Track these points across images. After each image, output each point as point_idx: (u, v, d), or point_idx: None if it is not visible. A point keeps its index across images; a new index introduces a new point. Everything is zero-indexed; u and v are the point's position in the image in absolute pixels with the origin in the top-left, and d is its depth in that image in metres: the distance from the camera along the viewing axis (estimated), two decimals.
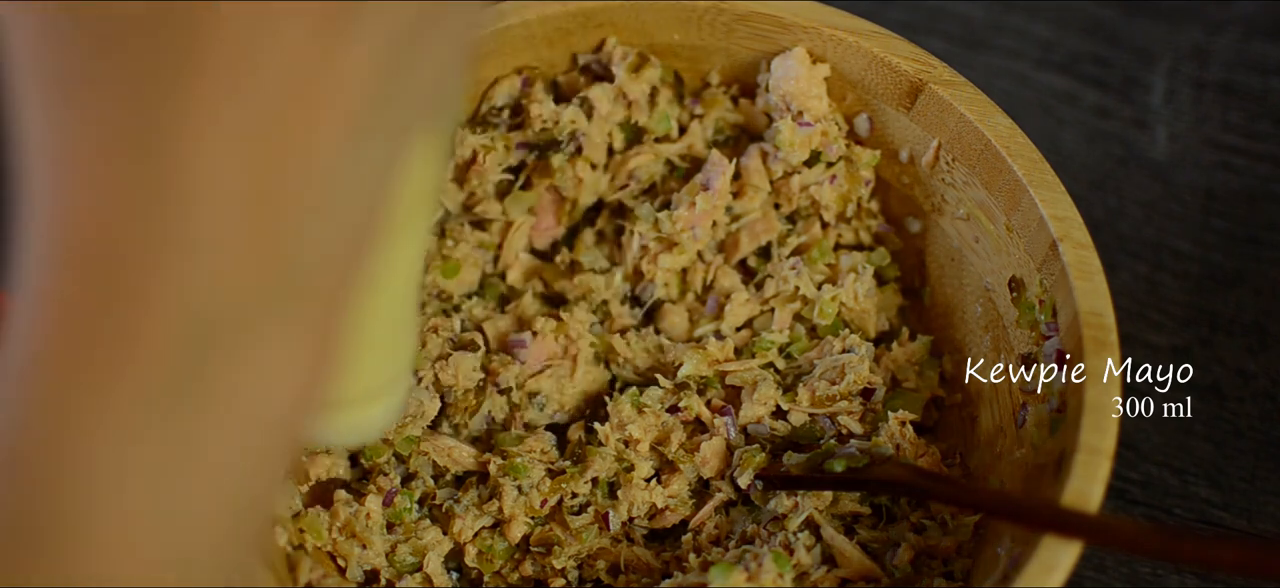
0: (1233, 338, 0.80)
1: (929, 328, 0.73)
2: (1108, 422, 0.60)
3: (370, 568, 0.66)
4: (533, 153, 0.73)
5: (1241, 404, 0.78)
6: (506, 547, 0.68)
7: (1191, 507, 0.75)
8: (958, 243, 0.72)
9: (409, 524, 0.68)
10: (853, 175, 0.73)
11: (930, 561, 0.64)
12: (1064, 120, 0.88)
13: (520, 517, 0.68)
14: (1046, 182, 0.66)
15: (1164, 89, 0.89)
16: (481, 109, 0.73)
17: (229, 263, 0.37)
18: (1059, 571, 0.56)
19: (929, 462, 0.68)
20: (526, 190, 0.74)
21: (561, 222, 0.76)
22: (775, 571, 0.63)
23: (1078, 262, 0.64)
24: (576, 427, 0.70)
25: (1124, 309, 0.74)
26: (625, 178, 0.75)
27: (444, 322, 0.71)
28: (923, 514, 0.66)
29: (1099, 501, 0.58)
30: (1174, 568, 0.73)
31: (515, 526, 0.68)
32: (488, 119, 0.73)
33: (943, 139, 0.70)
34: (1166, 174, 0.86)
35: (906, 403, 0.70)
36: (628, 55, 0.73)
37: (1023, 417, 0.66)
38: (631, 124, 0.74)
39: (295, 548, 0.65)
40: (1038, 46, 0.91)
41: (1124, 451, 0.75)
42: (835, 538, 0.65)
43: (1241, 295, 0.81)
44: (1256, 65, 0.90)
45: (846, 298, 0.72)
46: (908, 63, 0.70)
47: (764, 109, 0.74)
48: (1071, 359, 0.63)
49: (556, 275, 0.75)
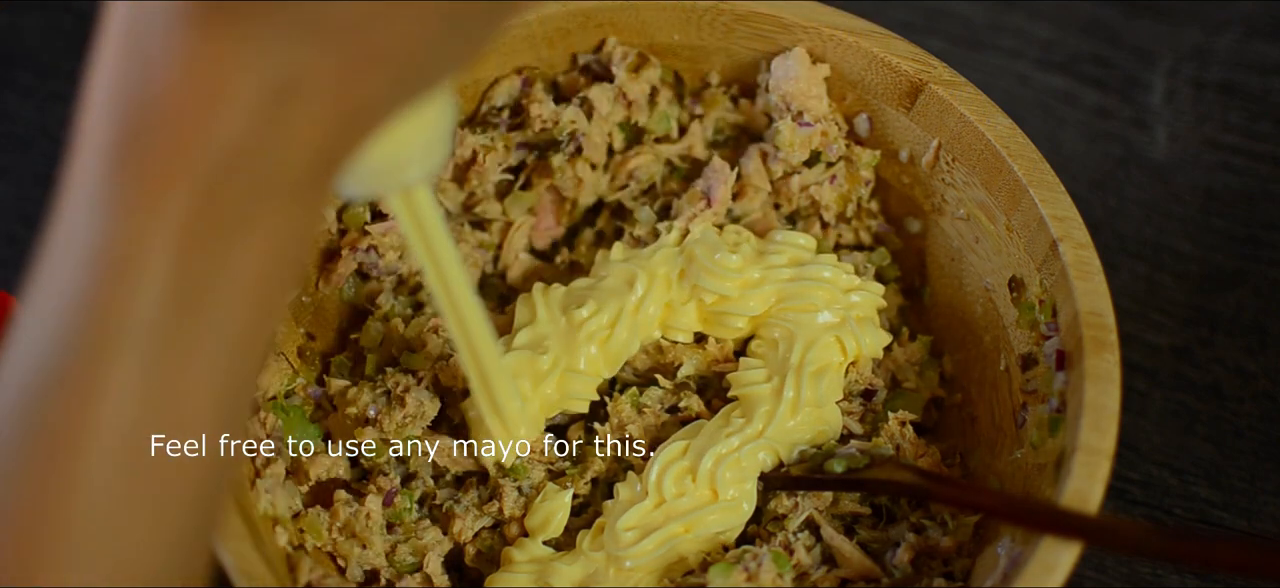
0: (1233, 338, 0.80)
1: (929, 328, 0.73)
2: (1108, 422, 0.60)
3: (370, 568, 0.66)
4: (533, 153, 0.73)
5: (1241, 404, 0.78)
6: (507, 547, 0.68)
7: (1191, 507, 0.75)
8: (958, 243, 0.72)
9: (409, 524, 0.68)
10: (853, 175, 0.73)
11: (930, 561, 0.64)
12: (1064, 120, 0.88)
13: (520, 517, 0.68)
14: (1046, 182, 0.66)
15: (1164, 89, 0.89)
16: (481, 109, 0.73)
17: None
18: (1059, 571, 0.56)
19: (929, 462, 0.68)
20: (526, 190, 0.74)
21: (561, 222, 0.76)
22: (775, 571, 0.63)
23: (1078, 262, 0.64)
24: (576, 427, 0.70)
25: (1124, 309, 0.74)
26: (625, 178, 0.75)
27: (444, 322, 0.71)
28: (923, 514, 0.66)
29: (1099, 501, 0.58)
30: (1174, 568, 0.73)
31: (515, 526, 0.68)
32: (488, 119, 0.73)
33: (943, 139, 0.70)
34: (1166, 174, 0.86)
35: (906, 403, 0.70)
36: (628, 55, 0.73)
37: (1023, 417, 0.66)
38: (631, 124, 0.74)
39: (295, 548, 0.65)
40: (1038, 46, 0.91)
41: (1124, 450, 0.75)
42: (835, 538, 0.65)
43: (1241, 295, 0.81)
44: (1256, 65, 0.90)
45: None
46: (908, 63, 0.70)
47: (764, 109, 0.74)
48: (1071, 359, 0.63)
49: (556, 275, 0.75)
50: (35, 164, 0.88)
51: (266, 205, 0.43)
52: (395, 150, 0.51)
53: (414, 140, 0.51)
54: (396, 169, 0.52)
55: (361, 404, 0.68)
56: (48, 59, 0.92)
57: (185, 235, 0.41)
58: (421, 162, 0.53)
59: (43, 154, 0.88)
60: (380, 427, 0.68)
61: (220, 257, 0.42)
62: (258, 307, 0.44)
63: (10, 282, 0.82)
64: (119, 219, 0.41)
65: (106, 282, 0.41)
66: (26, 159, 0.88)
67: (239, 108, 0.41)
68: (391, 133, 0.48)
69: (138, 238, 0.41)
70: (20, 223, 0.85)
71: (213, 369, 0.43)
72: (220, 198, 0.41)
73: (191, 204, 0.41)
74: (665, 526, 0.65)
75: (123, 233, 0.41)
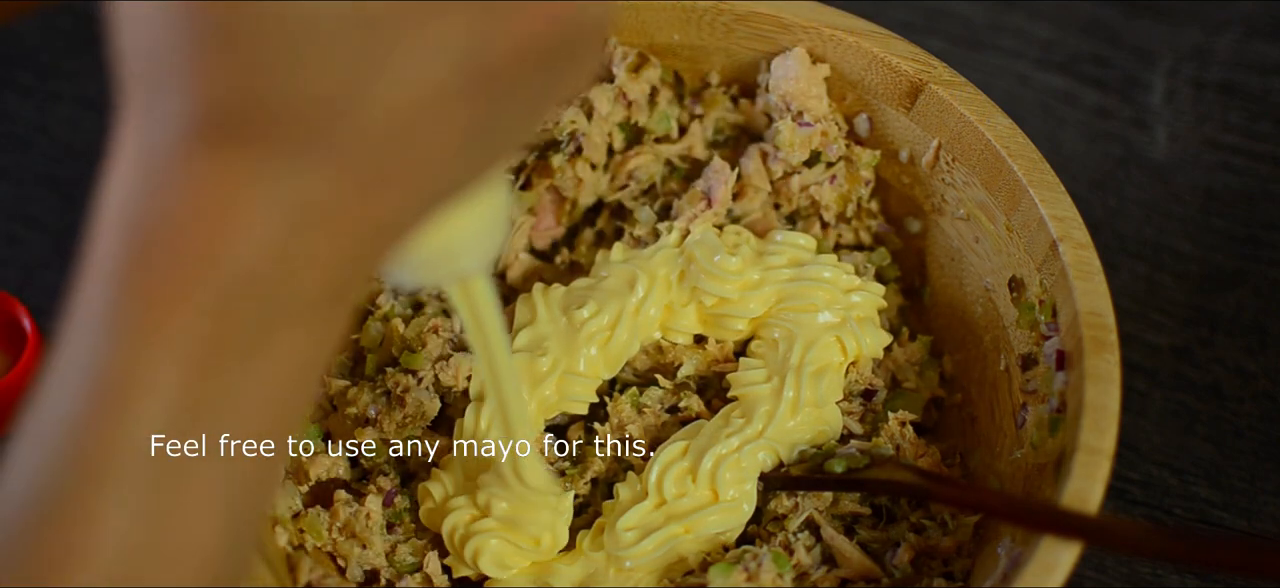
0: (1233, 338, 0.80)
1: (929, 328, 0.73)
2: (1108, 422, 0.60)
3: (370, 568, 0.66)
4: (533, 153, 0.73)
5: (1241, 404, 0.78)
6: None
7: (1191, 507, 0.75)
8: (958, 243, 0.72)
9: (409, 524, 0.68)
10: (853, 175, 0.73)
11: (930, 561, 0.64)
12: (1064, 120, 0.88)
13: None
14: (1046, 182, 0.66)
15: (1164, 89, 0.89)
16: None
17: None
18: (1059, 571, 0.56)
19: (929, 462, 0.68)
20: (526, 190, 0.74)
21: (561, 222, 0.76)
22: (775, 571, 0.63)
23: (1078, 262, 0.64)
24: (576, 427, 0.70)
25: (1124, 309, 0.74)
26: (625, 178, 0.75)
27: (444, 322, 0.71)
28: (923, 514, 0.66)
29: (1099, 501, 0.58)
30: (1174, 568, 0.73)
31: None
32: None
33: (943, 139, 0.70)
34: (1166, 174, 0.86)
35: (906, 403, 0.70)
36: (628, 55, 0.73)
37: (1023, 417, 0.66)
38: (631, 124, 0.74)
39: (295, 548, 0.65)
40: (1038, 46, 0.91)
41: (1124, 450, 0.75)
42: (835, 538, 0.65)
43: (1241, 295, 0.81)
44: (1256, 65, 0.90)
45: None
46: (908, 63, 0.70)
47: (764, 109, 0.74)
48: (1071, 359, 0.63)
49: (556, 275, 0.75)
50: (35, 164, 0.88)
51: (279, 329, 0.41)
52: (446, 242, 0.50)
53: (465, 231, 0.50)
54: (448, 259, 0.51)
55: (361, 404, 0.68)
56: (48, 59, 0.92)
57: (192, 361, 0.40)
58: (474, 251, 0.52)
59: (43, 154, 0.88)
60: (380, 427, 0.68)
61: (229, 382, 0.41)
62: (268, 432, 0.42)
63: (10, 281, 0.82)
64: (123, 343, 0.40)
65: (105, 407, 0.40)
66: (26, 159, 0.88)
67: (251, 231, 0.40)
68: (441, 225, 0.47)
69: (141, 362, 0.40)
70: (20, 223, 0.85)
71: (216, 499, 0.42)
72: (230, 322, 0.40)
73: (200, 328, 0.40)
74: (665, 526, 0.65)
75: (126, 357, 0.40)
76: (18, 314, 0.77)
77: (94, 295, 0.40)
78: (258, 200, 0.39)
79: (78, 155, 0.88)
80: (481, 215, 0.51)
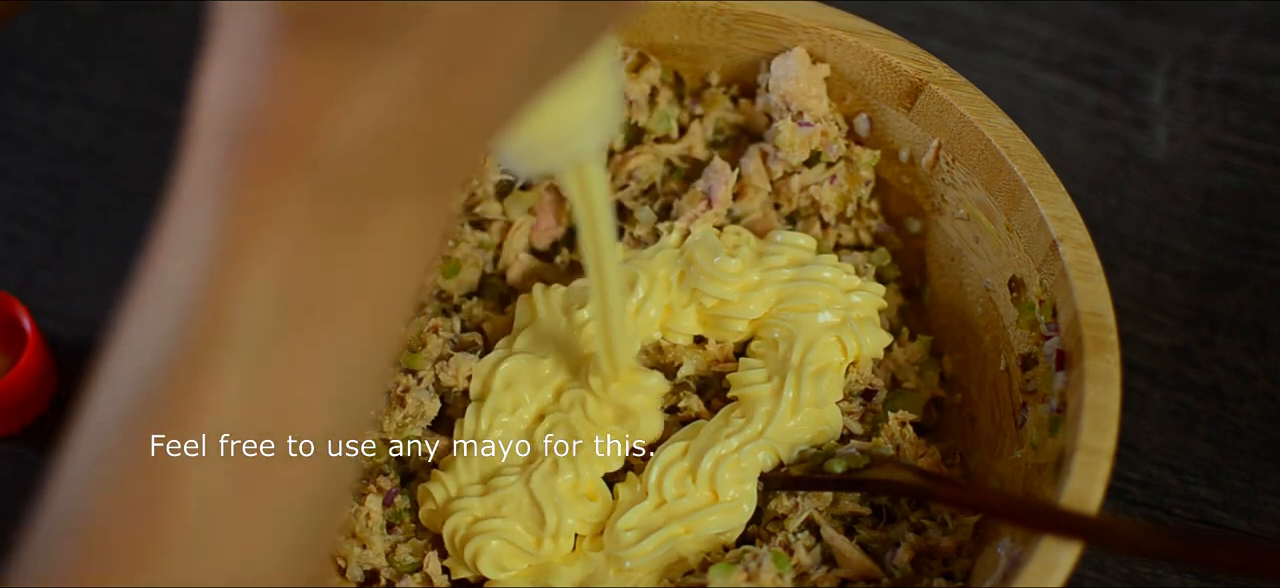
0: (1233, 338, 0.80)
1: (929, 328, 0.73)
2: (1108, 422, 0.60)
3: (370, 568, 0.66)
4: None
5: (1241, 404, 0.78)
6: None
7: (1191, 507, 0.75)
8: (958, 243, 0.72)
9: (409, 525, 0.68)
10: (853, 175, 0.73)
11: (930, 561, 0.64)
12: (1064, 120, 0.88)
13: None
14: (1046, 182, 0.66)
15: (1164, 89, 0.89)
16: None
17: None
18: (1059, 571, 0.56)
19: (929, 462, 0.68)
20: (526, 190, 0.74)
21: (561, 222, 0.76)
22: (775, 571, 0.63)
23: (1078, 262, 0.64)
24: None
25: (1124, 309, 0.74)
26: (625, 178, 0.75)
27: (444, 322, 0.71)
28: (923, 514, 0.66)
29: (1099, 501, 0.58)
30: (1174, 568, 0.73)
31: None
32: None
33: (943, 139, 0.70)
34: (1166, 174, 0.86)
35: (906, 403, 0.70)
36: (628, 55, 0.73)
37: (1023, 417, 0.66)
38: (631, 124, 0.74)
39: None
40: (1038, 46, 0.91)
41: (1124, 450, 0.75)
42: (835, 538, 0.65)
43: (1241, 295, 0.81)
44: (1256, 65, 0.90)
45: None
46: (908, 63, 0.70)
47: (764, 109, 0.74)
48: (1071, 359, 0.63)
49: (556, 275, 0.75)
50: (35, 164, 0.88)
51: (383, 206, 0.42)
52: (557, 124, 0.49)
53: (576, 113, 0.50)
54: (561, 143, 0.51)
55: None
56: (48, 59, 0.92)
57: (299, 235, 0.41)
58: (587, 133, 0.51)
59: (43, 154, 0.88)
60: (380, 427, 0.68)
61: (336, 258, 0.42)
62: (378, 309, 0.43)
63: (10, 282, 0.82)
64: (232, 216, 0.41)
65: (219, 277, 0.41)
66: (26, 159, 0.88)
67: (349, 112, 0.41)
68: (551, 107, 0.46)
69: (252, 235, 0.41)
70: (20, 223, 0.85)
71: (328, 371, 0.43)
72: (335, 199, 0.41)
73: (305, 205, 0.41)
74: (665, 526, 0.65)
75: (236, 229, 0.41)
76: (18, 314, 0.77)
77: (200, 180, 0.42)
78: (351, 86, 0.41)
79: (78, 155, 0.88)
80: (592, 96, 0.50)
